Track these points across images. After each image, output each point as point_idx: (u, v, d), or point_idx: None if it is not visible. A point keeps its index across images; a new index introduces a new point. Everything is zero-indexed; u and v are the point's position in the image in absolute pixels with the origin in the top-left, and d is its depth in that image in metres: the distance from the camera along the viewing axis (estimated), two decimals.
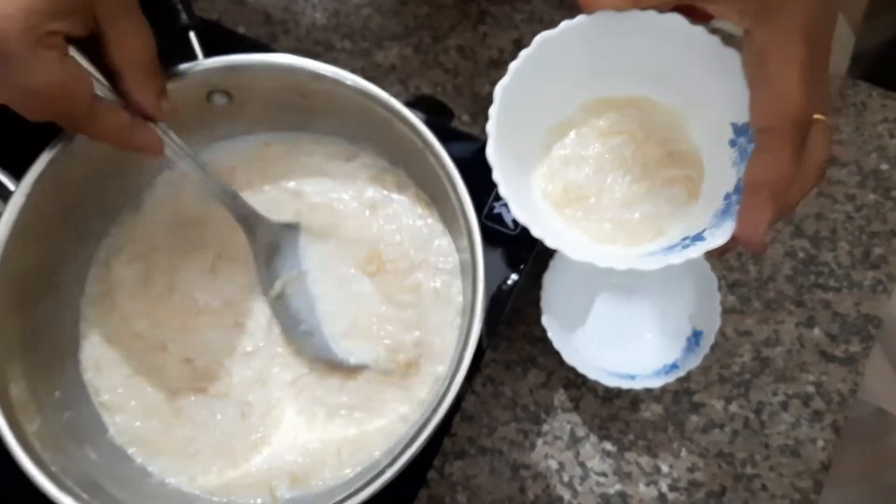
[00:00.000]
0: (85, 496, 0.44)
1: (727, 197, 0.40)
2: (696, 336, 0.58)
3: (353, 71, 0.50)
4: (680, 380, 0.61)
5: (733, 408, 0.61)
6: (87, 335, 0.54)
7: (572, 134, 0.44)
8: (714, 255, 0.39)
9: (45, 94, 0.40)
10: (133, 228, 0.56)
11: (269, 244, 0.54)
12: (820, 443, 0.60)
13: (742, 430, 0.61)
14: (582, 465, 0.60)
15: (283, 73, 0.50)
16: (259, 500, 0.50)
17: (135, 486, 0.48)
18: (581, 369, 0.57)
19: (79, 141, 0.48)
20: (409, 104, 0.50)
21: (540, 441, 0.61)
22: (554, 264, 0.59)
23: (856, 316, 0.63)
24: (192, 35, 0.52)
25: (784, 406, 0.61)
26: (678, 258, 0.38)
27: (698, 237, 0.39)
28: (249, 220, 0.52)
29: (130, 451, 0.51)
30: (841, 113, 0.67)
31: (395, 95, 0.51)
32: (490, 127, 0.40)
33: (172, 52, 0.51)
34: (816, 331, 0.62)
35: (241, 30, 0.72)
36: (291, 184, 0.57)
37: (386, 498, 0.46)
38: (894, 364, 1.38)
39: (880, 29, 1.26)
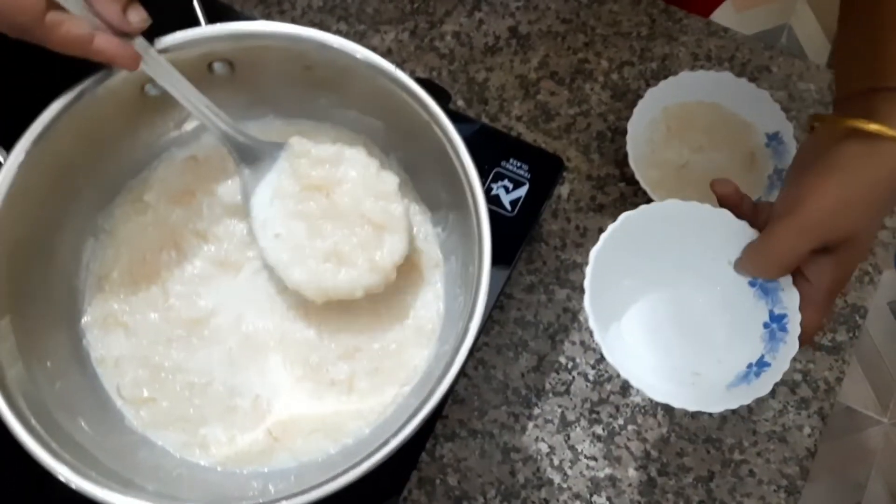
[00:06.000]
0: (78, 465, 0.42)
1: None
2: (776, 320, 0.48)
3: None
4: None
5: None
6: (94, 347, 0.53)
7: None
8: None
9: None
10: (116, 251, 0.55)
11: (258, 169, 0.52)
12: (806, 430, 0.61)
13: (730, 416, 0.61)
14: (572, 448, 0.60)
15: (289, 42, 0.49)
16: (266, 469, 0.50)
17: (128, 458, 0.47)
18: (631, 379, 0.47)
19: (69, 109, 0.48)
20: None
21: (531, 424, 0.61)
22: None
23: (842, 306, 0.64)
24: (195, 1, 0.51)
25: (771, 393, 0.61)
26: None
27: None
28: (235, 142, 0.51)
29: (151, 435, 0.50)
30: (829, 107, 0.68)
31: None
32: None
33: (175, 19, 0.50)
34: None
35: (235, 9, 0.71)
36: None
37: (378, 479, 0.45)
38: (863, 364, 1.42)
39: None
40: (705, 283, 0.51)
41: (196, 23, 0.50)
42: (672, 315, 0.52)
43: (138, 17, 0.45)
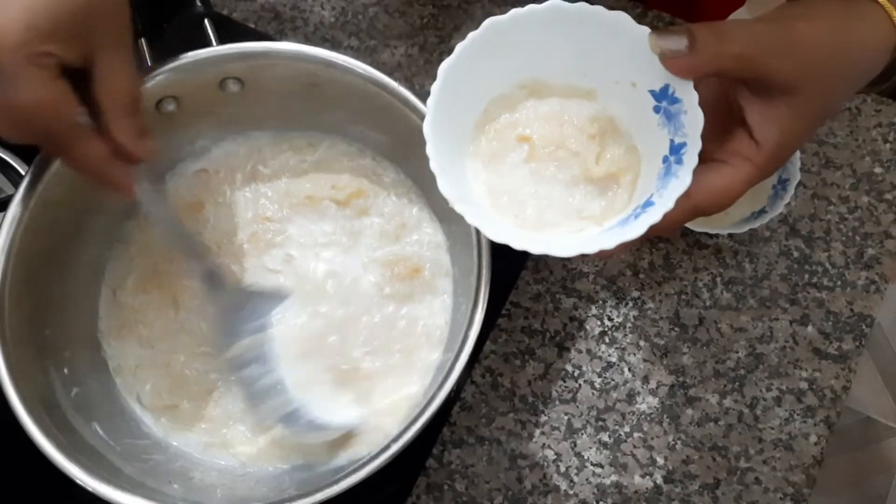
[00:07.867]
0: (93, 467, 0.44)
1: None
2: (675, 151, 0.40)
3: None
4: (675, 374, 0.62)
5: (728, 402, 0.62)
6: (112, 356, 0.55)
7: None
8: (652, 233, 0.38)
9: (29, 111, 0.39)
10: (130, 261, 0.57)
11: (234, 305, 0.52)
12: (813, 438, 0.61)
13: (736, 424, 0.62)
14: (578, 455, 0.61)
15: (297, 60, 0.51)
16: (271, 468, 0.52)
17: (140, 460, 0.49)
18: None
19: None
20: None
21: (537, 431, 0.62)
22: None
23: (849, 315, 0.64)
24: (206, 23, 0.53)
25: (777, 401, 0.62)
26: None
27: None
28: (215, 278, 0.52)
29: (173, 439, 0.52)
30: (836, 117, 0.69)
31: None
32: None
33: (187, 39, 0.52)
34: (810, 328, 0.64)
35: (250, 26, 0.73)
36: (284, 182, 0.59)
37: (385, 483, 0.46)
38: (883, 373, 1.41)
39: None
40: None
41: (208, 43, 0.52)
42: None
43: (148, 147, 0.45)
